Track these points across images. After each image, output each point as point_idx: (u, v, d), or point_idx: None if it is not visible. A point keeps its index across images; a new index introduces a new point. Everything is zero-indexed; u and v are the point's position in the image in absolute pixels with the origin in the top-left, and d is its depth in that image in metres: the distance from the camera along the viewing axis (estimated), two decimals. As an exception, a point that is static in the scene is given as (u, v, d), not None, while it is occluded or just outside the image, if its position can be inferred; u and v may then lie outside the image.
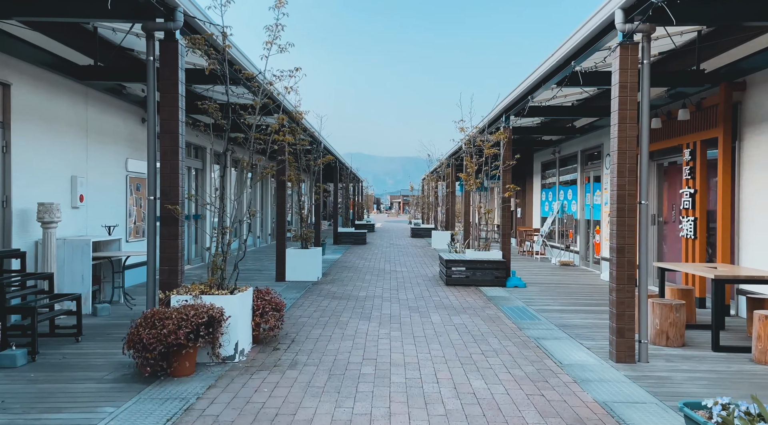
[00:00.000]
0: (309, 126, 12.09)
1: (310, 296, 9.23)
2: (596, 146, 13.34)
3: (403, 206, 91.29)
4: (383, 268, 13.48)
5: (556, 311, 7.99)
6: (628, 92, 5.33)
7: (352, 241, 21.49)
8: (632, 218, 5.38)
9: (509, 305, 8.51)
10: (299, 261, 11.18)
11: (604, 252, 12.63)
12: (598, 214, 13.26)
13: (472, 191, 11.48)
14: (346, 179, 24.81)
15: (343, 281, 11.08)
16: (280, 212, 11.20)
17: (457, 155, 18.62)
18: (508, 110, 10.73)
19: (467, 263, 10.62)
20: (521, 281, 10.54)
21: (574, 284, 11.01)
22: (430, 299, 9.06)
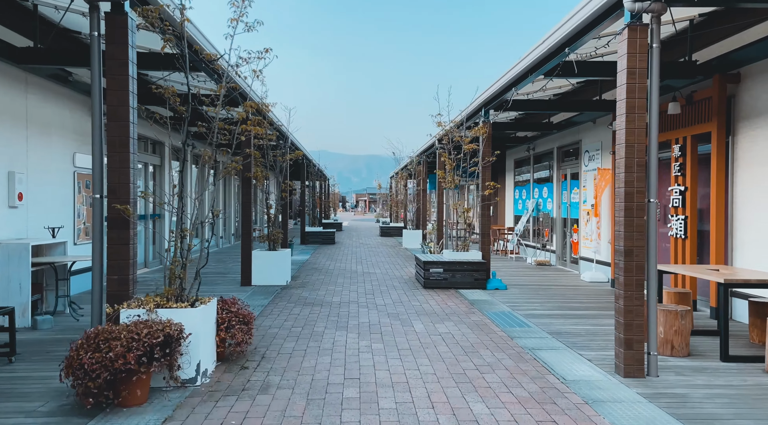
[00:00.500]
0: (276, 120, 11.33)
1: (279, 303, 8.51)
2: (574, 143, 13.00)
3: (369, 204, 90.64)
4: (356, 270, 12.84)
5: (545, 317, 7.50)
6: (637, 79, 4.83)
7: (320, 241, 20.75)
8: (641, 217, 4.89)
9: (494, 310, 7.99)
10: (267, 264, 10.44)
11: (582, 252, 12.29)
12: (575, 212, 12.92)
13: (450, 188, 10.96)
14: (313, 177, 24.04)
15: (315, 285, 10.39)
16: (246, 212, 10.43)
17: (429, 151, 18.11)
18: (488, 104, 10.23)
19: (445, 264, 10.08)
20: (502, 283, 10.06)
21: (556, 285, 10.60)
22: (409, 304, 8.47)
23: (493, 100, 9.78)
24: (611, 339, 6.26)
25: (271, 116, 10.93)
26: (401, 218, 27.63)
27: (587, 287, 10.29)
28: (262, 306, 8.20)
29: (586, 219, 12.17)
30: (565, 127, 12.98)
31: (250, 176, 10.23)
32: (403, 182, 22.79)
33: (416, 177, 20.36)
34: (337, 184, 43.90)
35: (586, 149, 12.23)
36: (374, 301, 8.72)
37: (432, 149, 17.26)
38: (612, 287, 10.22)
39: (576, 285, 10.58)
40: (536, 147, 15.72)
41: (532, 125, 13.74)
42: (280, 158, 10.89)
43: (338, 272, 12.32)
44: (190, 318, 4.66)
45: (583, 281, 11.07)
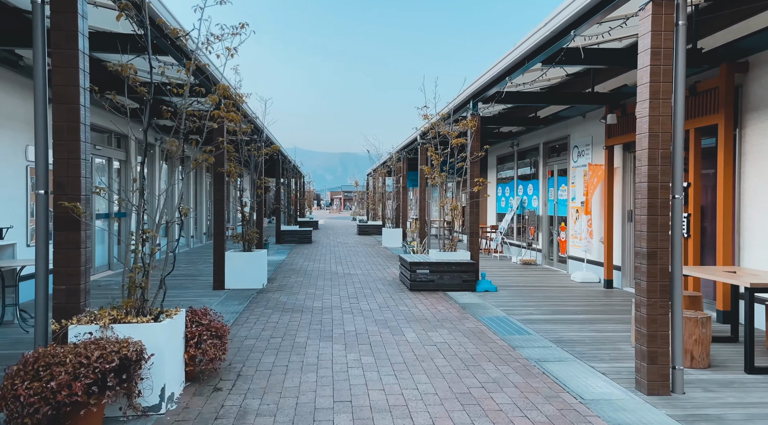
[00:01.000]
0: (251, 112, 10.61)
1: (256, 309, 7.83)
2: (562, 138, 12.56)
3: (344, 202, 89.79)
4: (336, 271, 12.19)
5: (543, 322, 6.99)
6: (662, 60, 4.31)
7: (296, 240, 20.02)
8: (665, 215, 4.37)
9: (488, 315, 7.45)
10: (241, 266, 9.73)
11: (571, 251, 11.86)
12: (563, 210, 12.50)
13: (437, 185, 10.40)
14: (288, 174, 23.27)
15: (293, 289, 9.72)
16: (218, 210, 9.70)
17: (410, 147, 17.54)
18: (477, 96, 9.68)
19: (432, 265, 9.51)
20: (492, 285, 9.54)
21: (547, 286, 10.13)
22: (396, 309, 7.87)
23: (483, 92, 9.24)
24: (619, 347, 5.76)
25: (245, 108, 10.21)
26: (379, 216, 27.04)
27: (579, 288, 9.84)
28: (237, 313, 7.51)
29: (575, 217, 11.74)
30: (553, 121, 12.54)
31: (222, 171, 9.51)
32: (381, 179, 22.19)
33: (396, 174, 19.77)
34: (312, 181, 43.07)
35: (575, 144, 11.80)
36: (359, 306, 8.10)
37: (413, 144, 16.70)
38: (606, 288, 9.79)
39: (567, 286, 10.12)
40: (520, 143, 15.28)
41: (517, 119, 13.27)
42: (255, 152, 10.17)
43: (318, 274, 11.66)
44: (153, 335, 3.98)
45: (574, 282, 10.63)
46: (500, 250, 15.47)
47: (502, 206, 16.80)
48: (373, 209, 27.04)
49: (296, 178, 28.83)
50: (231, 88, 9.50)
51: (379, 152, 22.63)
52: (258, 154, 10.33)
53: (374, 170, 25.49)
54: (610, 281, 9.85)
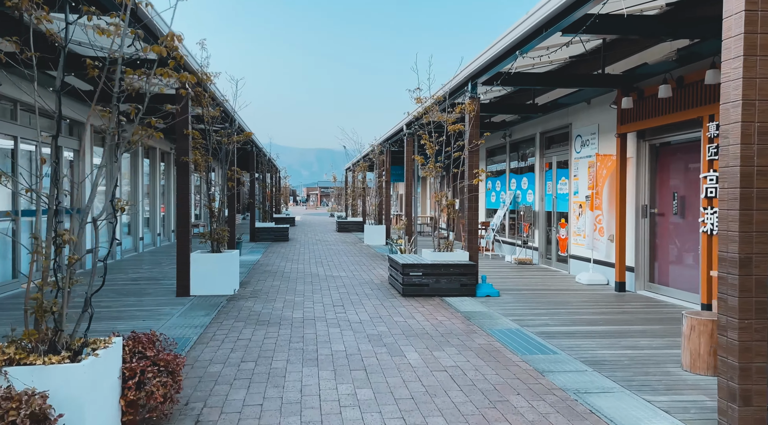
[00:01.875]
0: (220, 94, 9.36)
1: (224, 321, 6.64)
2: (562, 127, 11.58)
3: (321, 198, 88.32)
4: (317, 272, 11.02)
5: (564, 336, 5.96)
6: (759, 5, 3.26)
7: (272, 237, 18.76)
8: (764, 211, 3.33)
9: (498, 326, 6.38)
10: (209, 269, 8.50)
11: (573, 250, 10.90)
12: (563, 205, 11.53)
13: (431, 177, 9.32)
14: (263, 168, 21.95)
15: (269, 294, 8.53)
16: (182, 205, 8.44)
17: (394, 138, 16.43)
18: (476, 77, 8.61)
19: (427, 267, 8.42)
20: (494, 289, 8.49)
21: (552, 289, 9.13)
22: (390, 320, 6.76)
23: (486, 71, 8.17)
24: (670, 371, 4.75)
25: (213, 89, 8.97)
26: (359, 212, 25.90)
27: (589, 292, 8.86)
28: (202, 327, 6.31)
29: (577, 213, 10.78)
30: (552, 109, 11.54)
31: (187, 161, 8.26)
32: (362, 173, 21.05)
33: (378, 168, 18.66)
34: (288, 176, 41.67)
35: (578, 133, 10.82)
36: (346, 316, 6.97)
37: (399, 135, 15.60)
38: (618, 291, 8.82)
39: (575, 289, 9.14)
40: (514, 133, 14.28)
41: (512, 107, 12.23)
42: (225, 139, 8.93)
43: (297, 276, 10.47)
44: (68, 381, 2.80)
45: (580, 284, 9.65)
46: (492, 248, 14.47)
47: (493, 202, 15.80)
48: (353, 205, 25.87)
49: (272, 172, 27.49)
50: (196, 67, 8.26)
51: (360, 144, 21.51)
52: (228, 142, 9.09)
53: (354, 163, 24.32)
54: (622, 283, 8.88)
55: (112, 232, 3.62)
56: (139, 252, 14.75)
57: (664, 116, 7.78)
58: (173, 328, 6.23)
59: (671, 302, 7.93)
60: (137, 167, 14.87)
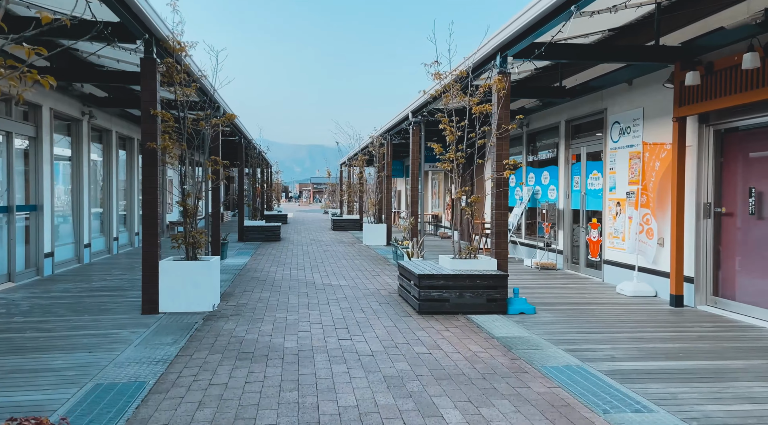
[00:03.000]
0: (196, 69, 7.79)
1: (196, 353, 5.11)
2: (594, 113, 10.10)
3: (313, 194, 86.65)
4: (312, 280, 9.49)
5: (645, 377, 4.49)
6: None
7: (262, 237, 17.21)
8: None
9: (552, 361, 4.90)
10: (183, 280, 6.97)
11: (608, 254, 9.45)
12: (595, 202, 10.07)
13: (449, 170, 7.80)
14: (253, 162, 20.35)
15: (256, 311, 7.00)
16: (149, 201, 6.89)
17: (396, 129, 14.91)
18: (507, 48, 7.13)
19: (448, 279, 6.92)
20: (528, 304, 7.02)
21: (594, 303, 7.67)
22: (410, 351, 5.26)
23: (520, 40, 6.69)
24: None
25: (188, 62, 7.41)
26: (355, 209, 24.38)
27: (639, 307, 7.41)
28: (165, 363, 4.78)
29: (615, 211, 9.32)
30: (581, 93, 10.06)
31: (154, 148, 6.71)
32: (359, 168, 19.48)
33: (379, 161, 17.14)
34: (280, 171, 40.04)
35: (616, 119, 9.35)
36: (353, 345, 5.46)
37: (402, 125, 14.09)
38: (675, 306, 7.37)
39: (620, 303, 7.68)
40: (532, 122, 12.79)
41: (534, 91, 10.74)
42: (203, 123, 7.36)
43: (289, 285, 8.95)
44: None
45: (623, 296, 8.20)
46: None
47: (506, 199, 14.29)
48: (349, 201, 24.34)
49: (262, 167, 25.88)
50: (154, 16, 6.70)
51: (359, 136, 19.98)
52: (207, 126, 7.52)
53: (351, 157, 22.76)
54: (679, 297, 7.43)
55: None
56: (113, 254, 13.17)
57: (743, 93, 6.31)
58: (126, 365, 4.70)
59: (747, 322, 6.49)
60: (110, 159, 13.26)
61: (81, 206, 11.56)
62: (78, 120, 11.46)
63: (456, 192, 7.64)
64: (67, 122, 11.31)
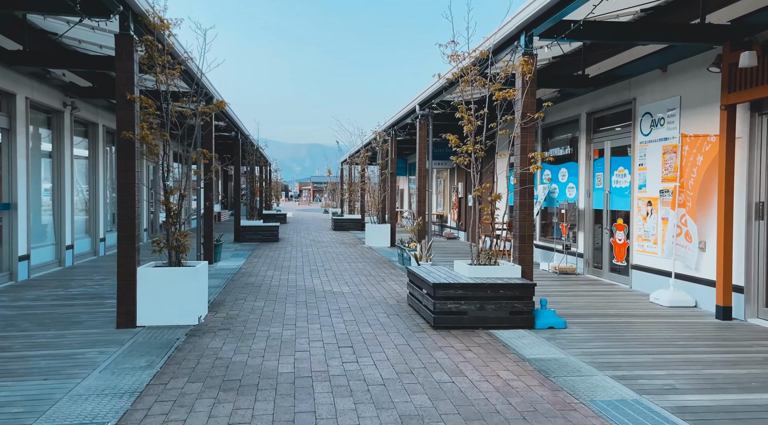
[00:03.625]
0: (181, 49, 6.91)
1: (172, 382, 4.25)
2: (620, 104, 9.23)
3: (313, 193, 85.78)
4: (312, 287, 8.63)
5: (722, 416, 3.64)
6: None
7: (259, 238, 16.35)
8: None
9: (602, 394, 4.04)
10: (165, 289, 6.11)
11: (638, 258, 8.59)
12: (621, 201, 9.22)
13: (464, 164, 6.93)
14: (250, 159, 19.46)
15: (248, 325, 6.14)
16: (125, 199, 6.03)
17: (401, 124, 14.03)
18: (533, 26, 6.28)
19: (467, 288, 6.05)
20: (557, 317, 6.17)
21: (629, 315, 6.81)
22: (429, 379, 4.40)
23: (548, 16, 5.84)
24: None
25: (172, 43, 6.54)
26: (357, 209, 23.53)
27: (681, 320, 6.55)
28: (133, 395, 3.92)
29: (645, 211, 8.47)
30: (606, 82, 9.19)
31: (130, 138, 5.85)
32: (361, 165, 18.58)
33: (382, 158, 16.27)
34: (279, 170, 39.16)
35: (647, 110, 8.49)
36: (360, 370, 4.59)
37: (407, 119, 13.23)
38: (722, 319, 6.51)
39: (659, 315, 6.83)
40: (547, 115, 11.90)
41: (554, 80, 9.88)
42: (188, 110, 6.48)
43: (287, 293, 8.08)
44: None
45: (659, 306, 7.34)
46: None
47: (518, 197, 13.43)
48: (350, 200, 23.47)
49: (261, 165, 24.99)
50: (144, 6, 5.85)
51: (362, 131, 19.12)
52: (196, 111, 6.64)
53: (353, 154, 21.89)
54: (727, 309, 6.56)
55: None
56: (99, 256, 12.31)
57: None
58: (83, 400, 3.84)
59: (814, 339, 5.63)
60: (96, 155, 12.40)
61: (62, 205, 10.70)
62: (59, 112, 10.60)
63: (475, 189, 6.75)
64: (47, 113, 10.44)
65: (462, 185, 17.83)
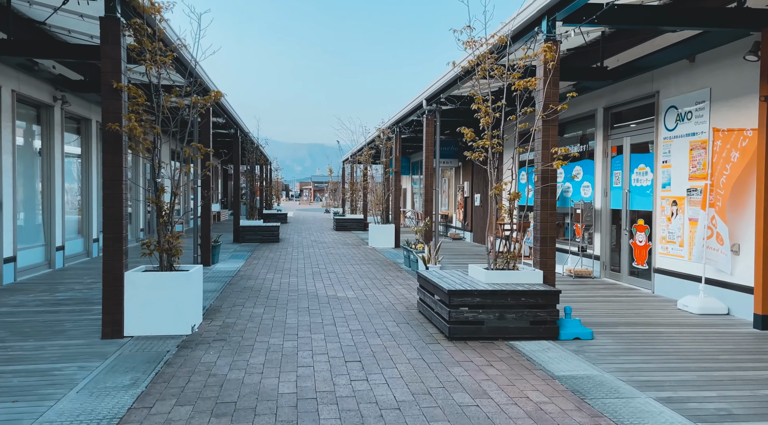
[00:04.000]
0: (173, 35, 6.39)
1: (158, 405, 3.74)
2: (642, 97, 8.71)
3: (314, 192, 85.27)
4: (315, 291, 8.11)
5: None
6: None
7: (259, 238, 15.84)
8: None
9: (651, 422, 3.52)
10: (155, 296, 5.59)
11: (661, 261, 8.07)
12: (643, 201, 8.70)
13: (479, 160, 6.41)
14: (250, 157, 18.93)
15: (245, 335, 5.62)
16: (111, 197, 5.51)
17: (406, 120, 13.51)
18: (555, 10, 5.75)
19: (486, 296, 5.53)
20: (583, 327, 5.65)
21: (657, 323, 6.29)
22: (449, 401, 3.88)
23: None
24: None
25: (163, 27, 6.03)
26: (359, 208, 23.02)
27: (718, 330, 6.03)
28: (112, 421, 3.40)
29: (670, 211, 7.95)
30: (626, 74, 8.67)
31: (117, 130, 5.34)
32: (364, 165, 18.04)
33: (386, 156, 15.75)
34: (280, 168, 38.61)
35: (672, 104, 7.97)
36: (371, 390, 4.07)
37: (412, 116, 12.71)
38: (761, 329, 5.99)
39: (692, 324, 6.30)
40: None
41: (570, 72, 9.32)
42: (181, 102, 5.95)
43: (288, 298, 7.57)
44: None
45: (689, 313, 6.82)
46: (530, 255, 11.60)
47: (529, 197, 12.90)
48: (352, 200, 22.95)
49: (261, 164, 24.47)
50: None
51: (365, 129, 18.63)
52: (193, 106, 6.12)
53: (355, 153, 21.37)
54: (766, 318, 6.04)
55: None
56: (92, 257, 11.79)
57: None
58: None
59: None
60: (90, 152, 11.89)
61: (52, 204, 10.19)
62: (49, 106, 10.08)
63: (494, 187, 6.24)
64: (36, 108, 9.93)
65: (468, 184, 17.30)
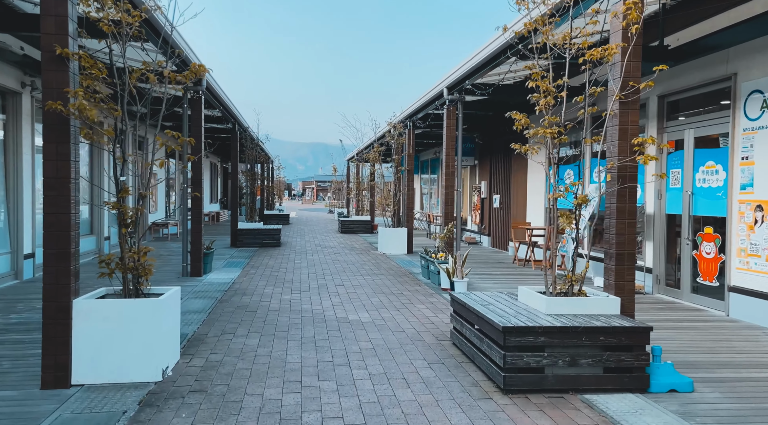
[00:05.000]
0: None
1: None
2: (713, 81, 7.33)
3: (317, 192, 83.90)
4: (322, 312, 6.73)
5: None
6: None
7: (259, 242, 14.48)
8: None
9: None
10: (114, 332, 4.24)
11: (738, 277, 6.69)
12: (711, 205, 7.32)
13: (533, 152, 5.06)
14: (249, 154, 17.55)
15: (232, 383, 4.24)
16: (55, 201, 4.14)
17: (421, 113, 12.12)
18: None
19: (554, 334, 4.15)
20: (680, 375, 4.27)
21: (760, 363, 4.90)
22: None
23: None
24: None
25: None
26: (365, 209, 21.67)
27: None
28: None
29: (751, 218, 6.57)
30: (693, 55, 7.28)
31: (61, 110, 3.96)
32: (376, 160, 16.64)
33: (397, 154, 14.36)
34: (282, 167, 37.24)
35: (755, 88, 6.59)
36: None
37: (429, 107, 11.32)
38: None
39: (806, 364, 4.91)
40: (598, 101, 9.97)
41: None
42: (152, 76, 4.57)
43: (288, 321, 6.19)
44: None
45: (790, 347, 5.44)
46: (563, 265, 10.21)
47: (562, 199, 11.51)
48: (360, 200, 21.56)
49: (262, 162, 23.08)
50: None
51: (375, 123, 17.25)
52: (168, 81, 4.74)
53: (363, 150, 19.98)
54: None
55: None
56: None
57: None
58: None
59: None
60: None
61: (19, 205, 8.84)
62: (16, 93, 8.74)
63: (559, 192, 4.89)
64: (0, 95, 8.58)
65: (485, 184, 15.90)
